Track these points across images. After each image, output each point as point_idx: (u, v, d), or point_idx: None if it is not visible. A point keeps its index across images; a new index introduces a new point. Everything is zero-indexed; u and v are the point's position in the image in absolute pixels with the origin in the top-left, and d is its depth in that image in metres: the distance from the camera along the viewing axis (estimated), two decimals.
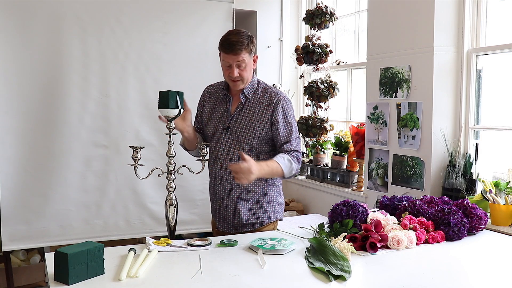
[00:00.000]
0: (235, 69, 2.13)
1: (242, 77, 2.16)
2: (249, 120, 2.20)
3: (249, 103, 2.22)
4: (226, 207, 2.25)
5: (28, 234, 3.50)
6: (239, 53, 2.10)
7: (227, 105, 2.26)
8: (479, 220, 2.09)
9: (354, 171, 3.99)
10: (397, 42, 3.26)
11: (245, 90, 2.21)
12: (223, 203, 2.26)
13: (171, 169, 2.10)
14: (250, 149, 2.20)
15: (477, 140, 3.07)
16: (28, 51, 3.40)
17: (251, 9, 4.72)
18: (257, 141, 2.20)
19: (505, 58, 2.93)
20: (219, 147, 2.23)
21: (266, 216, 2.27)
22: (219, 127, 2.24)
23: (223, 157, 2.22)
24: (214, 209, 2.34)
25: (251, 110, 2.21)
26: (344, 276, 1.56)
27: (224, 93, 2.27)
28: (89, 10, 3.53)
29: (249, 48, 2.13)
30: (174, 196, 2.12)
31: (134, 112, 3.69)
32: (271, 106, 2.19)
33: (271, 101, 2.20)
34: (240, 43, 2.09)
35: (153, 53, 3.72)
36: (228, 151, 2.21)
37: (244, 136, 2.19)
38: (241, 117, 2.21)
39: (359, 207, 2.01)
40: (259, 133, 2.19)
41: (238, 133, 2.20)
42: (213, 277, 1.57)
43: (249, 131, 2.19)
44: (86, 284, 1.51)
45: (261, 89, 2.25)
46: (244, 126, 2.20)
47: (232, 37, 2.11)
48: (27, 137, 3.44)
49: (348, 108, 4.46)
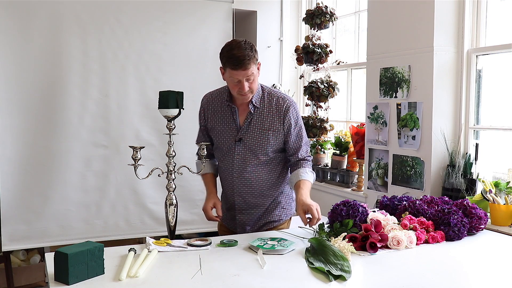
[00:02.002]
0: (245, 84, 2.04)
1: (252, 90, 2.09)
2: (261, 130, 2.15)
3: (258, 112, 2.16)
4: (249, 215, 2.25)
5: (28, 234, 3.50)
6: (248, 67, 2.02)
7: (234, 117, 2.18)
8: (479, 220, 2.09)
9: (354, 171, 3.99)
10: (397, 42, 3.26)
11: (253, 100, 2.14)
12: (243, 211, 2.25)
13: (171, 169, 2.10)
14: (266, 158, 2.18)
15: (477, 140, 3.07)
16: (28, 51, 3.40)
17: (251, 9, 4.72)
18: (272, 149, 2.18)
19: (505, 58, 2.93)
20: (233, 159, 2.18)
21: (283, 214, 2.30)
22: (230, 140, 2.18)
23: (238, 168, 2.19)
24: (231, 218, 2.30)
25: (261, 119, 2.16)
26: (344, 276, 1.56)
27: (228, 104, 2.19)
28: (89, 10, 3.53)
29: (255, 59, 2.06)
30: (174, 196, 2.12)
31: (134, 112, 3.69)
32: (281, 113, 2.16)
33: (280, 107, 2.16)
34: (247, 57, 2.00)
35: (153, 53, 3.72)
36: (243, 162, 2.18)
37: (258, 147, 2.16)
38: (253, 128, 2.16)
39: (359, 207, 2.01)
40: (273, 141, 2.16)
41: (252, 144, 2.16)
42: (213, 277, 1.57)
43: (263, 141, 2.15)
44: (86, 284, 1.51)
45: (267, 94, 2.19)
46: (257, 136, 2.15)
47: (237, 52, 2.00)
48: (27, 137, 3.44)
49: (348, 108, 4.46)
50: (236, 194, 2.23)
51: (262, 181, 2.21)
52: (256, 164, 2.18)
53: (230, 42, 2.09)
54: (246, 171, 2.18)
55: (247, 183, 2.19)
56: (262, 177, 2.20)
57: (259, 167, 2.19)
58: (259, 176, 2.20)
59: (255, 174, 2.19)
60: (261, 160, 2.17)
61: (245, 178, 2.19)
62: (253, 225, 2.28)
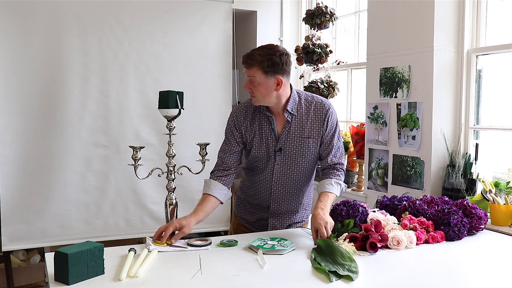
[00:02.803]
0: (248, 82, 2.02)
1: (255, 94, 2.02)
2: (300, 138, 2.10)
3: (295, 120, 2.10)
4: (282, 219, 2.23)
5: (28, 234, 3.50)
6: (249, 67, 1.98)
7: (271, 126, 2.10)
8: (479, 220, 2.09)
9: (354, 171, 3.99)
10: (397, 42, 3.26)
11: (288, 107, 2.07)
12: (278, 216, 2.23)
13: (171, 169, 2.10)
14: (307, 165, 2.15)
15: (477, 140, 3.07)
16: (28, 51, 3.40)
17: (251, 9, 4.72)
18: (312, 156, 2.14)
19: (505, 58, 2.93)
20: (273, 169, 2.14)
21: (305, 215, 2.30)
22: (270, 150, 2.12)
23: (277, 177, 2.15)
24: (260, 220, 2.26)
25: (300, 127, 2.10)
26: (351, 276, 1.56)
27: (264, 113, 2.10)
28: (89, 10, 3.53)
29: (263, 68, 1.96)
30: (174, 196, 2.12)
31: (134, 112, 3.69)
32: (322, 119, 2.10)
33: (320, 114, 2.10)
34: (254, 59, 1.96)
35: (153, 53, 3.72)
36: (282, 171, 2.14)
37: (298, 155, 2.11)
38: (291, 136, 2.10)
39: (359, 207, 2.01)
40: (314, 149, 2.12)
41: (292, 153, 2.11)
42: (213, 277, 1.57)
43: (303, 149, 2.11)
44: (86, 284, 1.51)
45: (304, 101, 2.12)
46: (296, 145, 2.10)
47: (254, 50, 2.00)
48: (27, 137, 3.44)
49: (348, 108, 4.46)
50: (273, 200, 2.19)
51: (299, 185, 2.19)
52: (295, 171, 2.14)
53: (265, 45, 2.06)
54: (285, 178, 2.15)
55: (286, 189, 2.17)
56: (300, 181, 2.18)
57: (298, 173, 2.15)
58: (297, 181, 2.17)
59: (295, 179, 2.16)
60: (300, 167, 2.14)
61: (284, 184, 2.16)
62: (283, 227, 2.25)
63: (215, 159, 2.25)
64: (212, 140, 2.57)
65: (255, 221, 2.27)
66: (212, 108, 3.86)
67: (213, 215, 3.83)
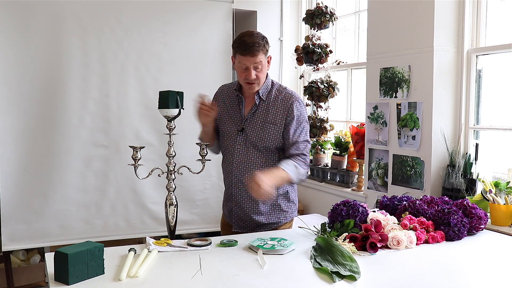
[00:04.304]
0: (252, 71, 2.08)
1: (258, 79, 2.11)
2: (263, 123, 2.16)
3: (263, 105, 2.18)
4: (244, 209, 2.23)
5: (28, 234, 3.50)
6: (256, 54, 2.05)
7: (240, 107, 2.21)
8: (479, 220, 2.09)
9: (354, 171, 3.99)
10: (397, 42, 3.26)
11: (260, 92, 2.17)
12: (240, 204, 2.23)
13: (171, 169, 2.10)
14: (267, 153, 2.18)
15: (477, 140, 3.07)
16: (28, 51, 3.41)
17: (251, 9, 4.72)
18: (272, 143, 2.17)
19: (505, 58, 2.93)
20: (234, 149, 2.19)
21: (282, 217, 2.28)
22: (233, 128, 2.21)
23: (238, 160, 2.19)
24: (229, 210, 2.30)
25: (265, 112, 2.17)
26: (354, 276, 1.56)
27: (236, 94, 2.22)
28: (89, 10, 3.53)
29: (265, 49, 2.08)
30: (174, 196, 2.12)
31: (134, 112, 3.69)
32: (286, 108, 2.16)
33: (285, 103, 2.16)
34: (257, 44, 2.04)
35: (153, 53, 3.72)
36: (243, 154, 2.18)
37: (258, 139, 2.16)
38: (255, 119, 2.18)
39: (359, 207, 2.01)
40: (274, 135, 2.16)
41: (253, 136, 2.17)
42: (213, 277, 1.57)
43: (264, 133, 2.16)
44: (86, 284, 1.51)
45: (275, 90, 2.20)
46: (258, 128, 2.17)
47: (247, 38, 2.06)
48: (27, 137, 3.44)
49: (348, 108, 4.46)
50: (234, 185, 2.22)
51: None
52: (256, 156, 2.17)
53: (243, 32, 2.14)
54: (246, 162, 2.18)
55: (246, 174, 2.16)
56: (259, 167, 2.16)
57: (259, 160, 2.18)
58: (256, 166, 2.17)
59: (254, 167, 2.17)
60: (262, 154, 2.17)
61: (244, 169, 2.18)
62: (249, 221, 2.24)
63: (215, 159, 2.26)
64: None
65: (228, 213, 2.30)
66: None
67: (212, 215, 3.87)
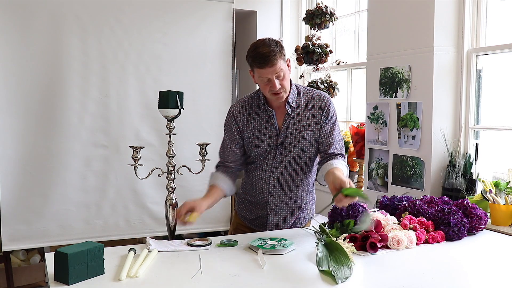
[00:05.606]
0: (275, 82, 1.96)
1: (284, 87, 2.00)
2: (299, 131, 2.09)
3: (295, 113, 2.09)
4: (279, 216, 2.21)
5: (28, 234, 3.50)
6: (275, 63, 1.93)
7: (272, 121, 2.10)
8: (479, 220, 2.09)
9: (354, 171, 3.99)
10: (397, 42, 3.25)
11: (289, 100, 2.07)
12: (274, 213, 2.20)
13: (171, 169, 2.10)
14: (302, 157, 2.13)
15: (477, 140, 3.07)
16: (28, 51, 3.41)
17: (251, 9, 4.72)
18: (310, 149, 2.12)
19: (505, 58, 2.93)
20: (272, 164, 2.13)
21: (307, 216, 2.28)
22: (270, 145, 2.11)
23: (275, 172, 2.13)
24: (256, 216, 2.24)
25: (299, 120, 2.09)
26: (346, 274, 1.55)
27: (263, 108, 2.10)
28: (89, 10, 3.54)
29: (282, 54, 1.97)
30: (174, 196, 2.12)
31: (134, 112, 3.69)
32: (321, 110, 2.09)
33: (319, 105, 2.10)
34: (273, 53, 1.93)
35: (153, 53, 3.72)
36: (280, 165, 2.13)
37: (297, 148, 2.10)
38: (290, 130, 2.09)
39: (359, 207, 2.01)
40: (311, 141, 2.10)
41: (291, 147, 2.10)
42: (213, 277, 1.57)
43: (301, 142, 2.09)
44: (86, 284, 1.51)
45: (303, 94, 2.12)
46: (295, 138, 2.09)
47: (262, 49, 1.94)
48: (27, 137, 3.44)
49: (348, 108, 4.46)
50: (271, 196, 2.17)
51: (297, 179, 2.16)
52: (292, 164, 2.13)
53: (255, 42, 2.02)
54: (283, 173, 2.13)
55: (284, 183, 2.14)
56: (298, 174, 2.15)
57: (295, 166, 2.14)
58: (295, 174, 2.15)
59: (292, 173, 2.14)
60: (298, 160, 2.12)
61: (282, 178, 2.14)
62: (282, 226, 2.23)
63: (215, 159, 2.25)
64: (212, 140, 2.57)
65: (254, 218, 2.26)
66: (212, 108, 3.86)
67: (213, 215, 3.87)
